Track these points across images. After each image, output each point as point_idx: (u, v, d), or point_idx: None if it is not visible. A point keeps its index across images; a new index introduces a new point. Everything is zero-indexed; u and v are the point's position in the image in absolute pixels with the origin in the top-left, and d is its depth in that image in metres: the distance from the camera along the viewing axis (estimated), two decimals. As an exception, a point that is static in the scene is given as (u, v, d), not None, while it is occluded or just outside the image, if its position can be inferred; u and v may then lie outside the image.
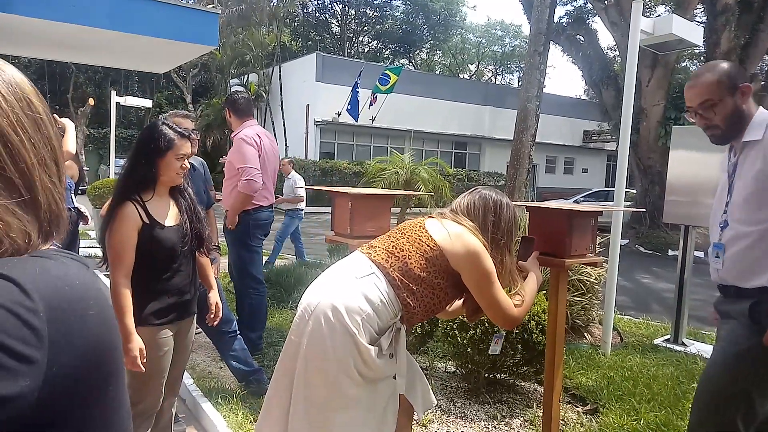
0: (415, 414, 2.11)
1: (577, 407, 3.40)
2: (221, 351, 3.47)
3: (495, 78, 43.18)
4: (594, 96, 19.04)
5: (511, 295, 2.00)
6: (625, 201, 4.59)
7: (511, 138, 9.34)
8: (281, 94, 24.37)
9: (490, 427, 3.08)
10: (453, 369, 3.83)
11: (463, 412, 3.24)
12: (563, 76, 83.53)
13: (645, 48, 4.72)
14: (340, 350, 1.68)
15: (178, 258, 2.21)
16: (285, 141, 23.45)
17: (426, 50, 41.73)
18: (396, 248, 1.86)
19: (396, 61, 36.38)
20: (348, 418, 1.70)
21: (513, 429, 3.07)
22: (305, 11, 36.26)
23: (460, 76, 40.37)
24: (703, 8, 14.24)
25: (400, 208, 9.27)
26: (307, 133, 22.41)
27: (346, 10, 37.37)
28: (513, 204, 2.06)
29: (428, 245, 1.84)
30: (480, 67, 43.01)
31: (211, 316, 2.53)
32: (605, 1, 13.79)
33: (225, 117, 4.16)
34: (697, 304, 5.47)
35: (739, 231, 1.88)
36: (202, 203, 2.80)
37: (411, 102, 23.36)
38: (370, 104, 20.05)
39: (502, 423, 3.12)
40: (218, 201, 3.94)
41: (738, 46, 12.63)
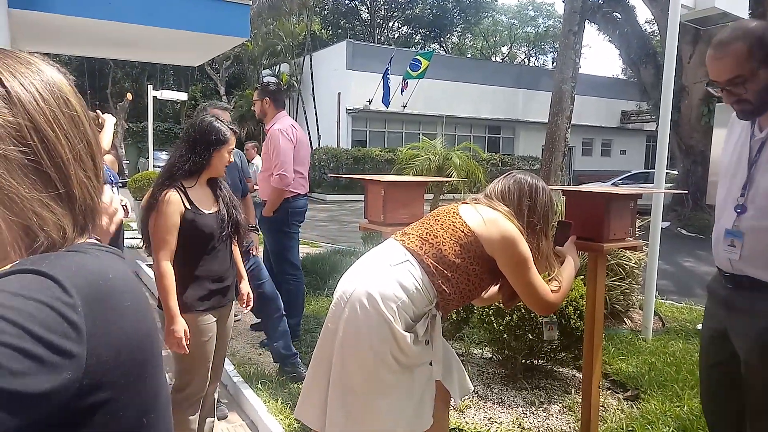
0: (452, 400, 2.11)
1: (618, 393, 3.34)
2: (269, 331, 3.56)
3: (528, 60, 42.33)
4: (632, 75, 18.46)
5: (548, 281, 1.97)
6: (666, 182, 4.45)
7: (546, 121, 9.16)
8: (312, 84, 24.44)
9: (527, 413, 3.06)
10: (489, 355, 3.81)
11: (500, 398, 3.23)
12: (599, 56, 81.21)
13: (686, 23, 4.54)
14: (376, 338, 1.69)
15: (217, 244, 2.30)
16: (317, 130, 23.58)
17: (457, 34, 41.14)
18: (430, 235, 1.85)
19: (427, 46, 36.03)
20: (385, 404, 1.71)
21: (551, 415, 3.05)
22: (335, -1, 36.23)
23: (493, 58, 39.71)
24: (748, -22, 13.58)
25: (433, 195, 9.23)
26: (338, 122, 22.46)
27: (376, -4, 37.14)
28: (549, 188, 2.02)
29: (462, 231, 1.82)
30: (513, 49, 42.21)
31: (243, 305, 2.61)
32: (643, -24, 13.28)
33: (258, 107, 4.17)
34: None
35: (764, 223, 1.70)
36: (238, 192, 2.89)
37: (443, 87, 23.10)
38: (401, 90, 19.94)
39: (540, 409, 3.10)
40: (255, 190, 4.03)
41: (787, 17, 12.03)
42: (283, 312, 3.52)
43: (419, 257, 1.80)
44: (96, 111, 3.66)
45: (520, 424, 2.92)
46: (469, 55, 38.46)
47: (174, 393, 2.27)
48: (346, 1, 37.38)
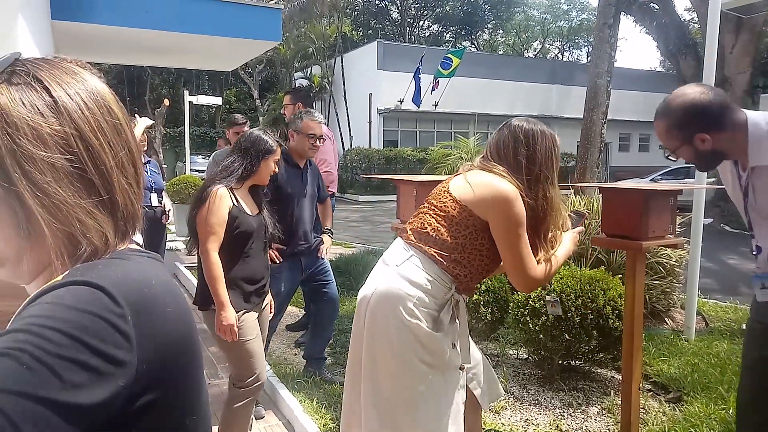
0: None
1: (659, 395, 3.25)
2: (316, 329, 3.63)
3: (562, 55, 41.52)
4: (671, 67, 17.93)
5: (538, 260, 1.84)
6: (708, 177, 4.29)
7: (581, 117, 8.96)
8: (344, 85, 24.59)
9: (565, 414, 3.01)
10: (525, 356, 3.76)
11: (537, 399, 3.18)
12: (636, 48, 79.08)
13: (727, 12, 4.38)
14: (397, 343, 1.68)
15: (256, 244, 2.46)
16: (349, 131, 23.69)
17: (488, 30, 40.71)
18: (425, 224, 1.80)
19: (458, 44, 35.76)
20: (415, 412, 1.70)
21: (590, 417, 2.98)
22: (365, 0, 36.31)
23: (525, 54, 39.15)
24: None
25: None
26: (370, 122, 22.53)
27: (406, -5, 37.08)
28: (550, 132, 1.89)
29: (455, 210, 1.76)
30: (545, 45, 41.50)
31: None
32: (681, -35, 12.87)
33: (289, 111, 4.25)
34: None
35: None
36: (317, 197, 3.39)
37: (474, 84, 22.91)
38: (432, 89, 19.86)
39: (578, 411, 3.04)
40: None
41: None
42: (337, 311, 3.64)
43: (422, 249, 1.76)
44: (134, 115, 3.79)
45: (557, 426, 2.87)
46: (500, 52, 37.98)
47: (234, 387, 2.40)
48: (377, 2, 37.47)
